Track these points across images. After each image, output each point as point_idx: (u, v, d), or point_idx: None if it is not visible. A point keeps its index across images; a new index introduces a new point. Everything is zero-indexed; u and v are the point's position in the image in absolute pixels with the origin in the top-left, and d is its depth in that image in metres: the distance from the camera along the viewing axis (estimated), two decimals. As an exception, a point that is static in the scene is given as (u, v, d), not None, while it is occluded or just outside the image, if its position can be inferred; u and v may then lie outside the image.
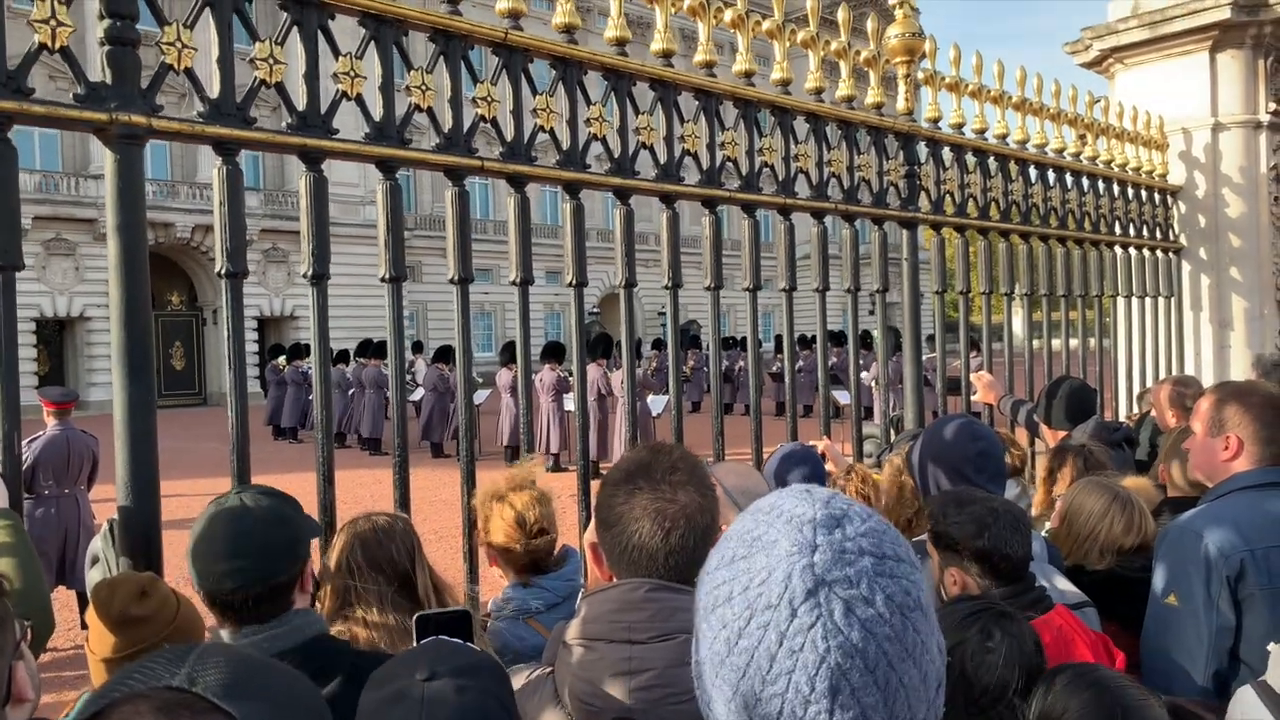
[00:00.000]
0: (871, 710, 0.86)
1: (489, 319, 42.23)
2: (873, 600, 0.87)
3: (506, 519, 2.52)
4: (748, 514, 0.98)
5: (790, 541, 0.90)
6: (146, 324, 2.37)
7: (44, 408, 7.92)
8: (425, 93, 2.94)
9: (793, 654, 0.86)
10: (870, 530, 0.92)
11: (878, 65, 4.48)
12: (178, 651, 0.84)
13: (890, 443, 4.96)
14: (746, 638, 0.88)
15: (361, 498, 11.51)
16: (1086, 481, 3.20)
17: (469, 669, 1.42)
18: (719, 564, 0.96)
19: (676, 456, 1.66)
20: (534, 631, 2.40)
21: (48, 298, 31.22)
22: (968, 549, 2.24)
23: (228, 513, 1.92)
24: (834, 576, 0.88)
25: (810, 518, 0.91)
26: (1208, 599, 2.49)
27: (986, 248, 5.25)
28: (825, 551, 0.89)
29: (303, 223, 2.72)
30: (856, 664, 0.86)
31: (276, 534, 1.92)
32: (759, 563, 0.91)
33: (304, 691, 0.87)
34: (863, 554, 0.89)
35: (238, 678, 0.81)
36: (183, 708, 0.76)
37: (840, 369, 20.31)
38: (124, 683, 0.80)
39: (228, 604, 1.87)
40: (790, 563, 0.88)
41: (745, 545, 0.94)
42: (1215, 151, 6.98)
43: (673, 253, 3.67)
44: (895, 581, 0.90)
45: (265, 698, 0.81)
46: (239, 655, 0.86)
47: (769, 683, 0.87)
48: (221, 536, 1.88)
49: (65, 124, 2.30)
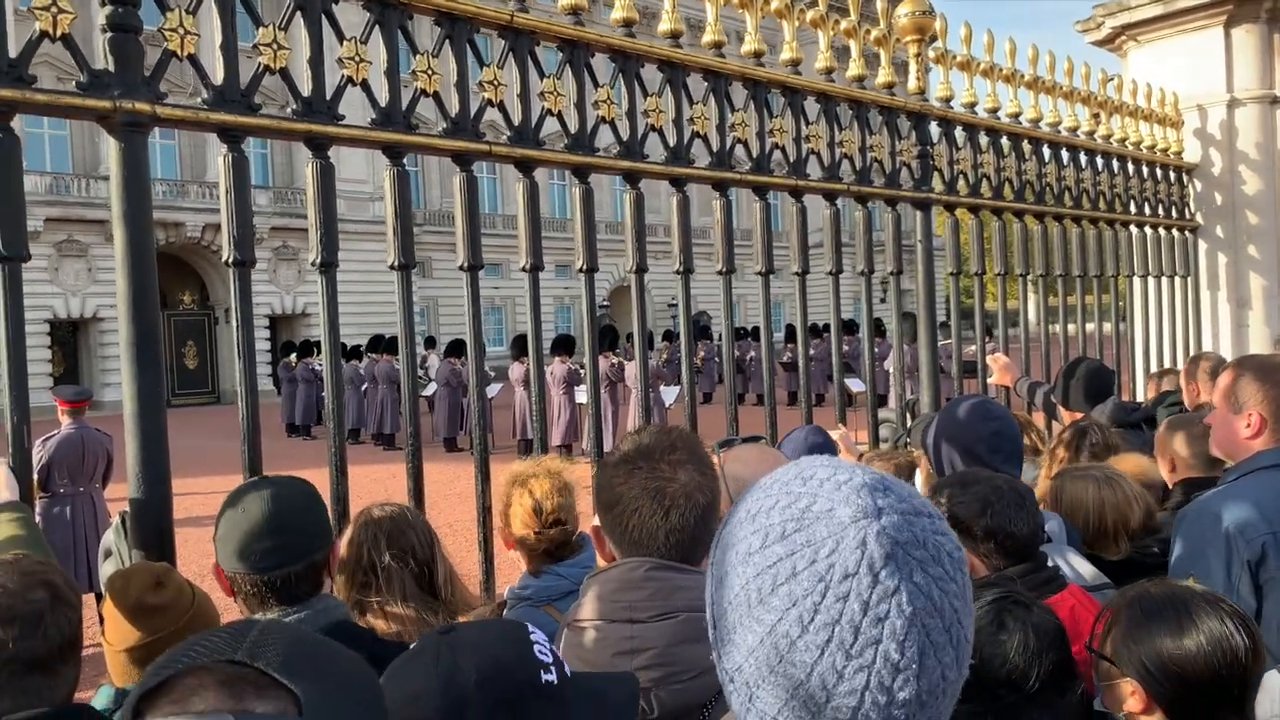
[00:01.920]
0: (948, 668, 0.84)
1: (500, 313, 42.27)
2: (939, 559, 0.86)
3: (525, 506, 2.50)
4: (772, 487, 0.92)
5: (851, 508, 0.86)
6: (154, 314, 2.35)
7: (59, 407, 7.95)
8: (431, 77, 2.90)
9: (879, 621, 0.82)
10: (911, 491, 0.91)
11: (888, 44, 4.42)
12: (239, 626, 0.83)
13: (907, 427, 4.92)
14: (824, 612, 0.83)
15: (375, 493, 11.46)
16: (1070, 478, 3.09)
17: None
18: (765, 543, 0.88)
19: (675, 436, 1.66)
20: (550, 619, 2.37)
21: (61, 299, 31.40)
22: (973, 528, 2.21)
23: (262, 495, 1.94)
24: (905, 537, 0.85)
25: (861, 482, 0.88)
26: (1227, 582, 2.43)
27: (1001, 229, 5.19)
28: (891, 514, 0.86)
29: (310, 210, 2.69)
30: (937, 623, 0.84)
31: (312, 512, 1.99)
32: (820, 532, 0.86)
33: (363, 673, 0.86)
34: (918, 514, 0.87)
35: (300, 655, 0.80)
36: (245, 683, 0.76)
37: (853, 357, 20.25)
38: (186, 654, 0.79)
39: (266, 584, 1.88)
40: (860, 528, 0.84)
41: (794, 519, 0.88)
42: (1231, 128, 6.89)
43: (684, 237, 3.63)
44: (948, 538, 0.89)
45: (326, 676, 0.80)
46: (300, 633, 0.86)
47: (854, 655, 0.82)
48: (261, 515, 1.90)
49: (68, 112, 2.27)
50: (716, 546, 0.94)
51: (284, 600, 1.90)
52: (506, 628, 1.34)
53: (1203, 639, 1.72)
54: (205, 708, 0.74)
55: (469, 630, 1.33)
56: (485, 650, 1.27)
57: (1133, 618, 1.79)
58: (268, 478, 2.04)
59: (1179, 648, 1.73)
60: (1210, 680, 1.71)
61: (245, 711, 0.74)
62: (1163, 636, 1.75)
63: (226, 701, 0.74)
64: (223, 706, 0.74)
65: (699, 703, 1.48)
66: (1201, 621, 1.74)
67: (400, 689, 1.26)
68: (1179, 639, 1.73)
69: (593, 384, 3.41)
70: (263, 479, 2.02)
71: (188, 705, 0.74)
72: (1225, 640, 1.72)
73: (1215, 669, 1.70)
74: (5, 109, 2.16)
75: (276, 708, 0.75)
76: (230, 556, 1.90)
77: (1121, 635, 1.79)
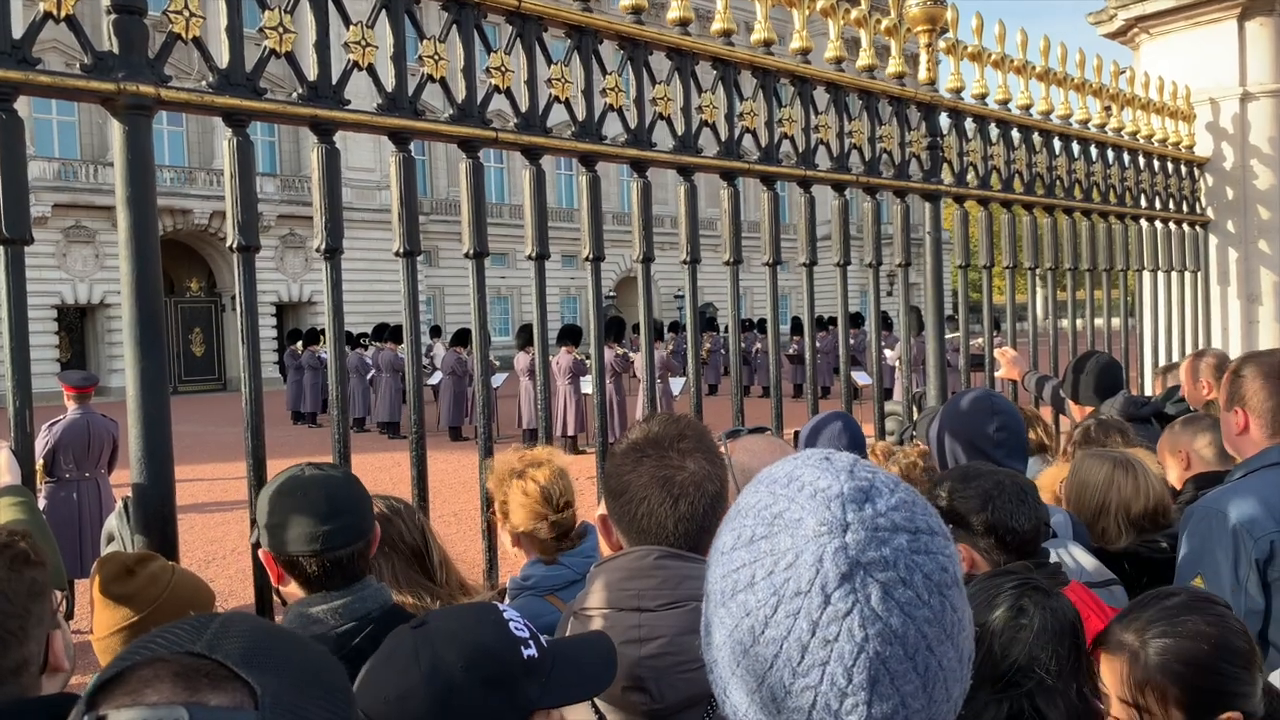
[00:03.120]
0: (910, 697, 0.80)
1: (505, 303, 42.30)
2: (910, 581, 0.80)
3: (531, 494, 2.48)
4: (760, 485, 0.90)
5: (817, 520, 0.82)
6: (157, 298, 2.34)
7: (65, 392, 7.97)
8: (438, 63, 2.88)
9: (827, 644, 0.79)
10: (901, 503, 0.85)
11: (899, 34, 4.38)
12: (202, 619, 0.82)
13: (913, 420, 4.90)
14: (774, 627, 0.81)
15: (380, 481, 11.54)
16: (1085, 455, 3.11)
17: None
18: (735, 543, 0.87)
19: (684, 425, 1.65)
20: (553, 608, 2.36)
21: (68, 285, 31.50)
22: (974, 524, 2.19)
23: (310, 479, 1.96)
24: (869, 558, 0.80)
25: (837, 492, 0.83)
26: (1235, 582, 2.42)
27: (1010, 221, 5.16)
28: (858, 530, 0.81)
29: (315, 196, 2.68)
30: (896, 651, 0.79)
31: (359, 493, 2.01)
32: (783, 543, 0.83)
33: (326, 666, 0.84)
34: (897, 530, 0.82)
35: (260, 648, 0.78)
36: (201, 675, 0.74)
37: (859, 351, 20.20)
38: (145, 647, 0.78)
39: (333, 563, 1.89)
40: (820, 544, 0.81)
41: (765, 523, 0.85)
42: (1244, 122, 6.84)
43: (691, 227, 3.61)
44: (932, 558, 0.83)
45: (286, 669, 0.78)
46: (262, 626, 0.84)
47: (800, 674, 0.80)
48: (317, 499, 1.92)
49: (72, 94, 2.26)
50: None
51: (346, 578, 1.91)
52: (479, 610, 1.35)
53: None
54: (159, 699, 0.72)
55: (442, 619, 1.34)
56: (464, 637, 1.27)
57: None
58: (313, 463, 2.05)
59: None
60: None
61: (199, 704, 0.72)
62: None
63: (181, 694, 0.72)
64: (176, 699, 0.72)
65: (706, 692, 1.46)
66: None
67: (384, 690, 1.25)
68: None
69: (598, 374, 3.39)
70: (309, 464, 2.04)
71: (141, 697, 0.73)
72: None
73: None
74: (9, 90, 2.14)
75: (232, 701, 0.73)
76: (295, 541, 1.90)
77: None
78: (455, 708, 1.20)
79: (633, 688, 1.44)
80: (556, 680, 1.29)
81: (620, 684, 1.45)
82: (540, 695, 1.27)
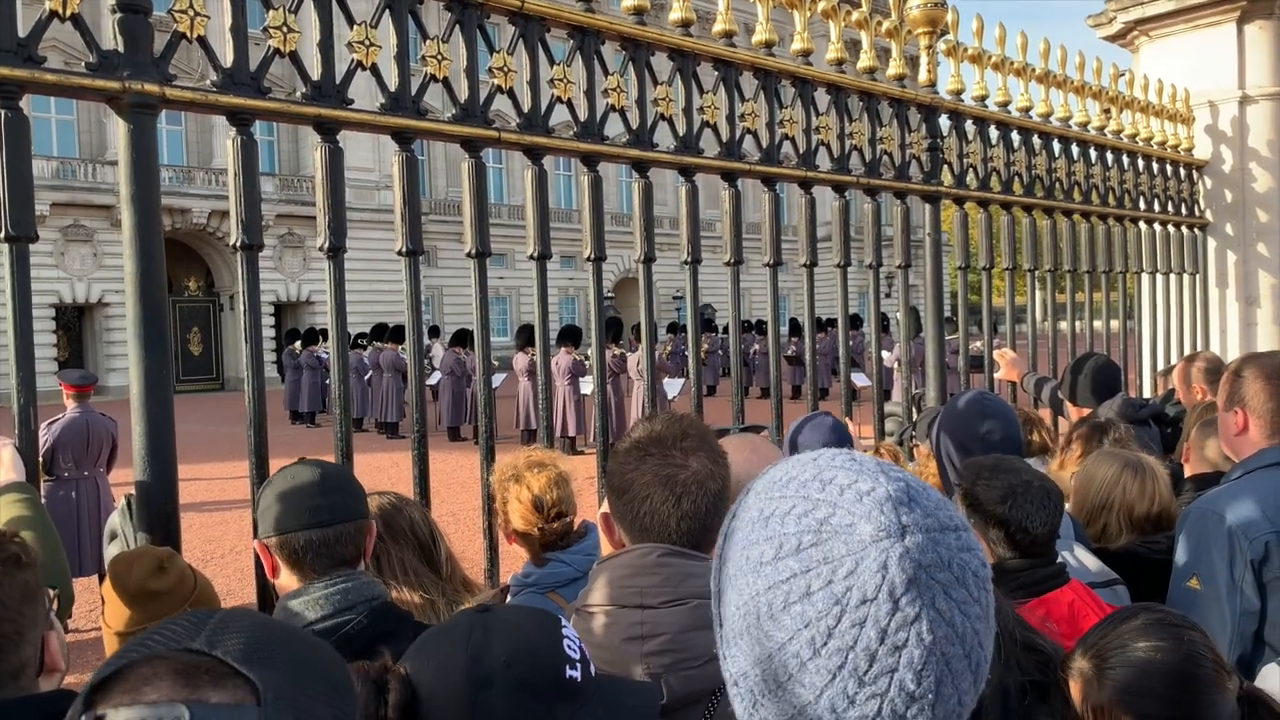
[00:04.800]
0: (965, 694, 0.81)
1: (505, 303, 42.27)
2: (964, 580, 0.80)
3: (524, 502, 2.49)
4: (786, 488, 0.86)
5: (874, 525, 0.80)
6: (161, 295, 2.34)
7: (64, 391, 7.97)
8: (441, 63, 2.89)
9: (896, 651, 0.78)
10: (939, 502, 0.84)
11: (900, 36, 4.40)
12: (200, 615, 0.80)
13: (913, 421, 4.91)
14: (838, 638, 0.79)
15: (380, 481, 11.49)
16: (1098, 453, 3.13)
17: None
18: (779, 553, 0.83)
19: (687, 423, 1.66)
20: (555, 605, 2.37)
21: (67, 284, 31.46)
22: (990, 513, 2.20)
23: (308, 466, 2.00)
24: (930, 560, 0.79)
25: (885, 494, 0.82)
26: (1231, 583, 2.42)
27: (1010, 223, 5.17)
28: (916, 533, 0.80)
29: (318, 195, 2.68)
30: (957, 650, 0.79)
31: (353, 482, 2.04)
32: (837, 549, 0.80)
33: (329, 661, 0.83)
34: (945, 530, 0.82)
35: (260, 643, 0.77)
36: (202, 671, 0.73)
37: (859, 352, 20.20)
38: (143, 644, 0.77)
39: (321, 541, 1.88)
40: (883, 549, 0.79)
41: (811, 530, 0.82)
42: (1242, 125, 6.85)
43: (692, 227, 3.61)
44: (974, 555, 0.83)
45: (288, 665, 0.77)
46: (262, 621, 0.83)
47: (866, 683, 0.78)
48: (308, 480, 1.94)
49: (77, 93, 2.27)
50: (723, 538, 0.91)
51: (336, 561, 1.89)
52: (542, 617, 1.34)
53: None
54: (158, 697, 0.71)
55: (505, 612, 1.33)
56: (518, 633, 1.27)
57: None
58: (304, 459, 2.07)
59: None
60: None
61: (200, 701, 0.71)
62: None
63: (180, 691, 0.71)
64: (176, 696, 0.71)
65: (708, 690, 1.47)
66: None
67: (429, 658, 1.26)
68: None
69: (599, 373, 3.40)
70: (301, 459, 2.06)
71: (140, 695, 0.71)
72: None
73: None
74: (14, 89, 2.14)
75: (234, 697, 0.72)
76: (283, 518, 1.89)
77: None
78: (485, 696, 1.20)
79: None
80: (590, 711, 1.27)
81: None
82: (571, 718, 1.25)
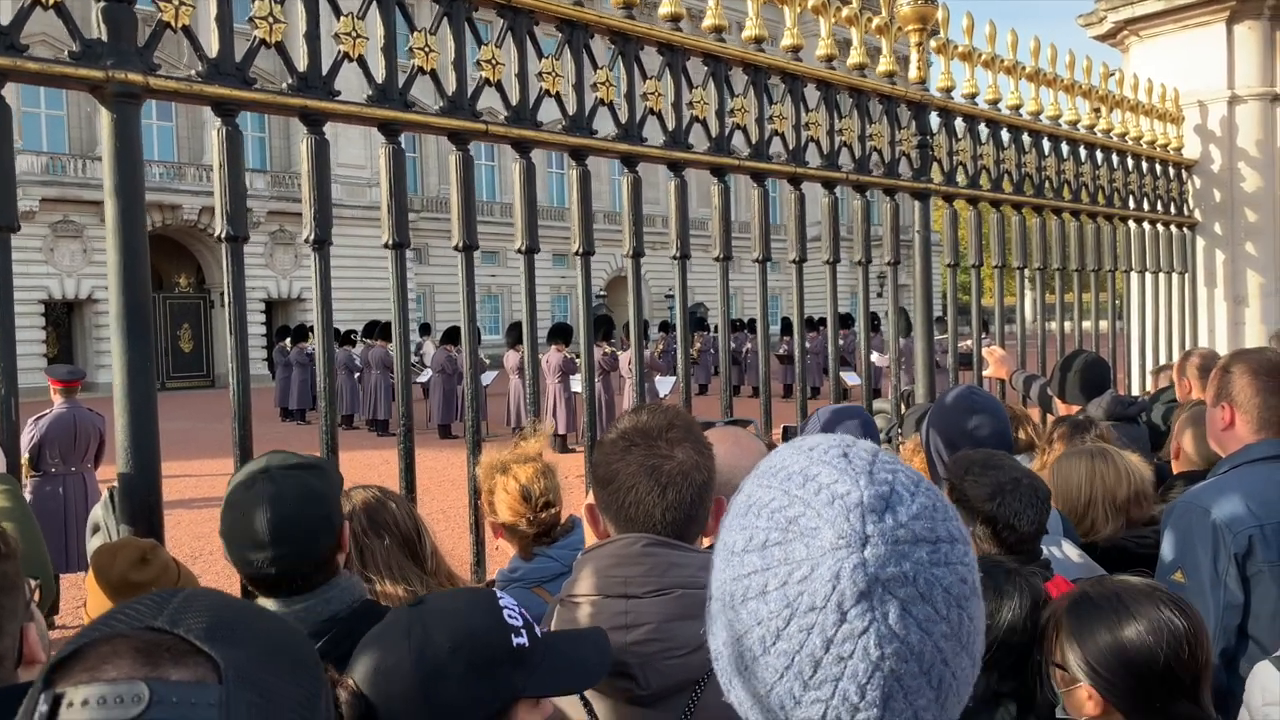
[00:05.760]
0: (924, 710, 0.79)
1: (496, 301, 42.23)
2: (930, 596, 0.78)
3: (511, 492, 2.48)
4: (773, 480, 0.86)
5: (835, 531, 0.79)
6: (145, 288, 2.33)
7: (51, 386, 7.93)
8: (429, 55, 2.88)
9: (841, 660, 0.77)
10: (923, 510, 0.81)
11: (890, 33, 4.39)
12: (163, 595, 0.80)
13: (900, 418, 4.91)
14: (785, 640, 0.79)
15: (369, 478, 11.41)
16: (1061, 457, 3.13)
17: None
18: (747, 545, 0.84)
19: (672, 415, 1.65)
20: (540, 600, 2.36)
21: (56, 280, 31.31)
22: (977, 510, 2.20)
23: (261, 499, 1.82)
24: (888, 574, 0.77)
25: (856, 500, 0.80)
26: (1215, 576, 2.44)
27: (999, 221, 5.18)
28: (878, 545, 0.78)
29: (304, 187, 2.67)
30: (911, 668, 0.78)
31: (313, 512, 1.85)
32: (797, 552, 0.80)
33: (293, 639, 0.83)
34: (917, 542, 0.79)
35: (223, 622, 0.77)
36: (163, 649, 0.72)
37: (848, 351, 20.23)
38: (106, 623, 0.76)
39: (273, 584, 1.82)
40: (837, 559, 0.78)
41: (779, 528, 0.82)
42: (1231, 125, 6.88)
43: (681, 223, 3.61)
44: (951, 570, 0.80)
45: (250, 643, 0.77)
46: (226, 600, 0.83)
47: (811, 687, 0.78)
48: (260, 526, 1.79)
49: (60, 81, 2.25)
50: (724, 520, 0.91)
51: (308, 585, 1.83)
52: (475, 595, 1.36)
53: (1141, 627, 1.73)
54: (118, 674, 0.70)
55: (438, 600, 1.35)
56: (455, 619, 1.28)
57: (1073, 620, 1.80)
58: (268, 471, 1.88)
59: (1118, 639, 1.73)
60: (1156, 668, 1.70)
61: (160, 679, 0.70)
62: (1102, 632, 1.75)
63: (141, 669, 0.70)
64: (136, 674, 0.70)
65: (692, 679, 1.47)
66: (1138, 610, 1.75)
67: (373, 663, 1.26)
68: (1117, 630, 1.74)
69: (587, 369, 3.39)
70: (263, 471, 1.88)
71: (100, 673, 0.70)
72: (1164, 625, 1.72)
73: (1157, 655, 1.70)
74: (-4, 77, 2.13)
75: (195, 675, 0.71)
76: (235, 560, 1.84)
77: (1067, 639, 1.79)
78: (438, 687, 1.21)
79: (618, 674, 1.45)
80: (545, 670, 1.29)
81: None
82: (526, 684, 1.27)
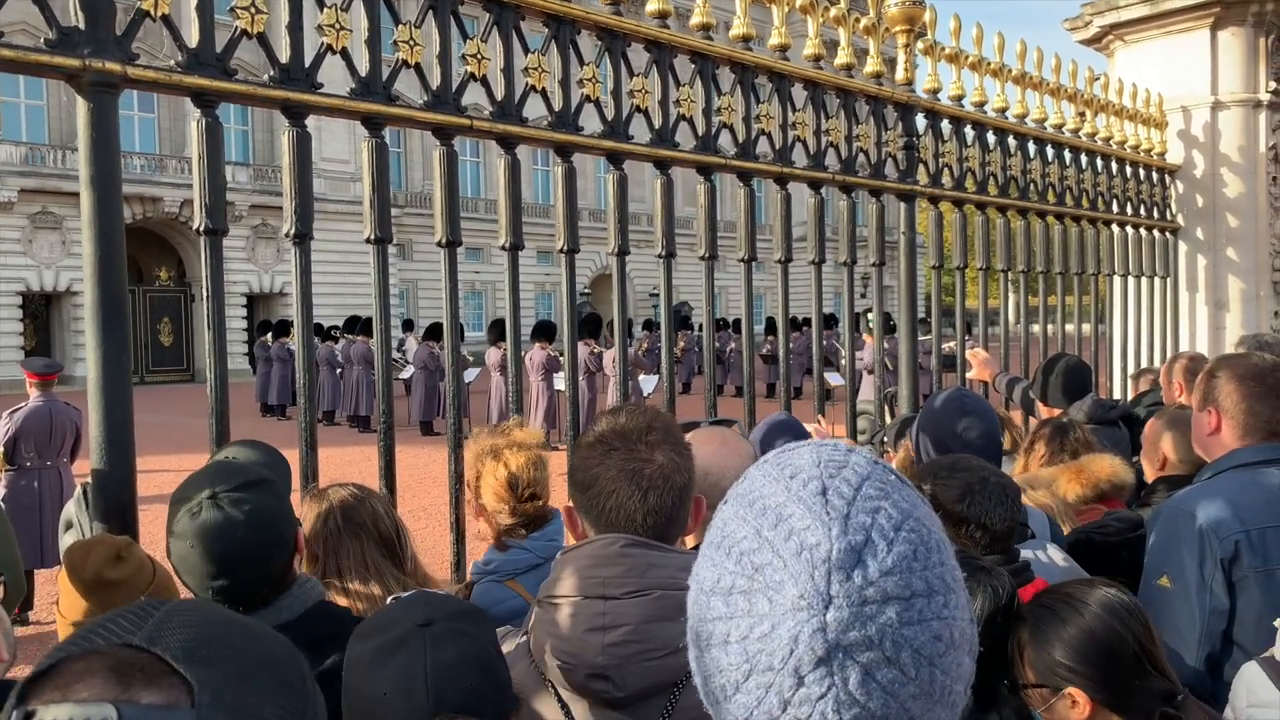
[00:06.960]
0: None
1: (479, 298, 42.09)
2: (896, 659, 0.74)
3: (499, 479, 2.45)
4: (748, 514, 0.82)
5: (799, 590, 0.75)
6: (121, 280, 2.29)
7: (27, 379, 7.83)
8: (414, 48, 2.84)
9: None
10: (899, 561, 0.76)
11: (877, 33, 4.39)
12: (148, 607, 0.76)
13: (883, 421, 4.91)
14: (744, 693, 0.77)
15: (349, 475, 11.36)
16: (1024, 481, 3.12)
17: (465, 615, 1.47)
18: (715, 588, 0.81)
19: (651, 416, 1.63)
20: (512, 593, 2.34)
21: (34, 271, 30.96)
22: (949, 512, 2.20)
23: (210, 528, 1.76)
24: (850, 639, 0.74)
25: (825, 555, 0.75)
26: (1201, 581, 2.43)
27: (984, 223, 5.19)
28: (841, 607, 0.74)
29: (285, 180, 2.63)
30: None
31: (265, 537, 1.81)
32: (760, 606, 0.77)
33: (278, 657, 0.78)
34: (887, 601, 0.75)
35: (202, 641, 0.73)
36: (136, 670, 0.69)
37: (833, 352, 20.27)
38: (86, 637, 0.73)
39: (228, 604, 1.77)
40: (798, 621, 0.74)
41: (745, 575, 0.79)
42: (1214, 130, 6.92)
43: (666, 221, 3.59)
44: (924, 628, 0.76)
45: (232, 663, 0.73)
46: (211, 615, 0.78)
47: None
48: (209, 555, 1.75)
49: (35, 70, 2.20)
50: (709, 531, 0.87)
51: (251, 608, 1.80)
52: (485, 629, 1.43)
53: (1097, 610, 1.81)
54: (89, 695, 0.68)
55: (446, 632, 1.40)
56: (471, 656, 1.34)
57: (1035, 633, 1.85)
58: (215, 497, 1.79)
59: (1085, 629, 1.80)
60: (1129, 644, 1.78)
61: (130, 701, 0.67)
62: (1068, 629, 1.81)
63: (111, 690, 0.68)
64: (106, 695, 0.67)
65: (670, 681, 1.45)
66: (1088, 598, 1.84)
67: (384, 680, 1.29)
68: (1080, 622, 1.81)
69: (571, 368, 3.36)
70: (210, 497, 1.78)
71: (71, 692, 0.68)
72: (1116, 603, 1.82)
73: (1123, 633, 1.78)
74: (-31, 63, 2.09)
75: (166, 698, 0.68)
76: (192, 586, 1.81)
77: (1035, 653, 1.84)
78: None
79: (595, 676, 1.43)
80: None
81: (584, 672, 1.44)
82: None
